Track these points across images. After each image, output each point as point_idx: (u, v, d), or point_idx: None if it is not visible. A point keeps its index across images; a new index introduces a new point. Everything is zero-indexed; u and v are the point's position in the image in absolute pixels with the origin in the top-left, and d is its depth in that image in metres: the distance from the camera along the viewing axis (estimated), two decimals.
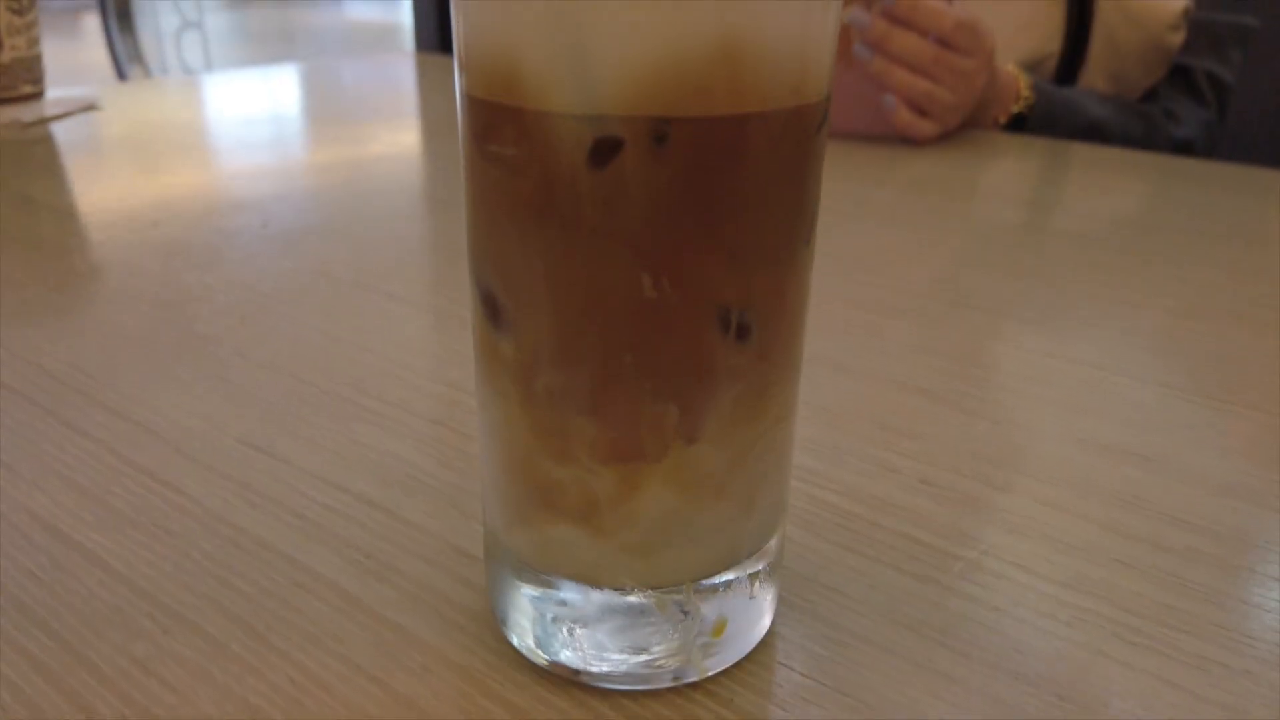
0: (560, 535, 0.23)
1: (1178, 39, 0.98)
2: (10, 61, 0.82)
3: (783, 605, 0.27)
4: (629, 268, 0.20)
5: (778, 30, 0.19)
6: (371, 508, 0.32)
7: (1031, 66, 0.96)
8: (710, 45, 0.18)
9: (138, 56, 3.01)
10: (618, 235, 0.20)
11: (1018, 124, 0.89)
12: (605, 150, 0.19)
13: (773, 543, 0.25)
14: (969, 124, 0.87)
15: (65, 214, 0.62)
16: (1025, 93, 0.89)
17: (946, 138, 0.85)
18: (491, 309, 0.22)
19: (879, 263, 0.56)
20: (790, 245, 0.21)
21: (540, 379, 0.22)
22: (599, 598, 0.24)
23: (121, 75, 2.88)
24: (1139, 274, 0.55)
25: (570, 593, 0.24)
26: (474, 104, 0.21)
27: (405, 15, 1.70)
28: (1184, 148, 0.98)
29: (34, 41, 0.85)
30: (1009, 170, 0.82)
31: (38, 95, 0.87)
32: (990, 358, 0.44)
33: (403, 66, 1.27)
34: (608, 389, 0.21)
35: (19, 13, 0.82)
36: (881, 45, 0.80)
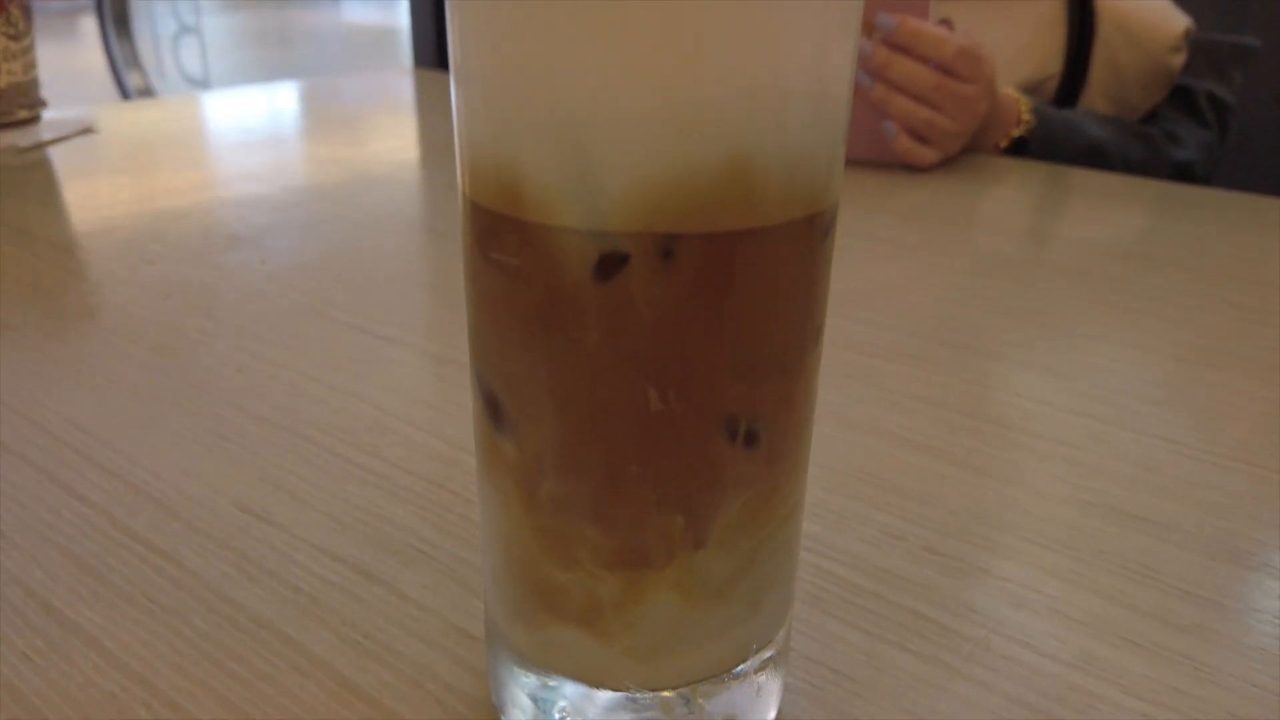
0: (562, 636, 0.23)
1: (1179, 60, 0.97)
2: (6, 87, 0.82)
3: (789, 692, 0.27)
4: (634, 381, 0.19)
5: (788, 145, 0.18)
6: (369, 581, 0.31)
7: (1032, 88, 0.95)
8: (719, 163, 0.18)
9: (135, 62, 3.00)
10: (623, 349, 0.19)
11: (1018, 148, 0.89)
12: (611, 265, 0.19)
13: (780, 634, 0.25)
14: (969, 148, 0.87)
15: (63, 248, 0.62)
16: (1026, 116, 0.88)
17: (947, 163, 0.85)
18: (493, 410, 0.22)
19: (880, 300, 0.55)
20: (799, 351, 0.21)
21: (543, 484, 0.21)
22: (601, 697, 0.23)
23: (119, 81, 2.87)
24: (1144, 315, 0.54)
25: (571, 689, 0.23)
26: (476, 209, 0.20)
27: (402, 17, 1.70)
28: (1185, 169, 0.97)
29: (30, 65, 0.84)
30: (1009, 198, 0.82)
31: (34, 120, 0.86)
32: (994, 409, 0.43)
33: (402, 85, 1.27)
34: (613, 498, 0.21)
35: (15, 38, 0.81)
36: (882, 72, 0.80)
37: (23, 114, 0.84)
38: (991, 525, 0.35)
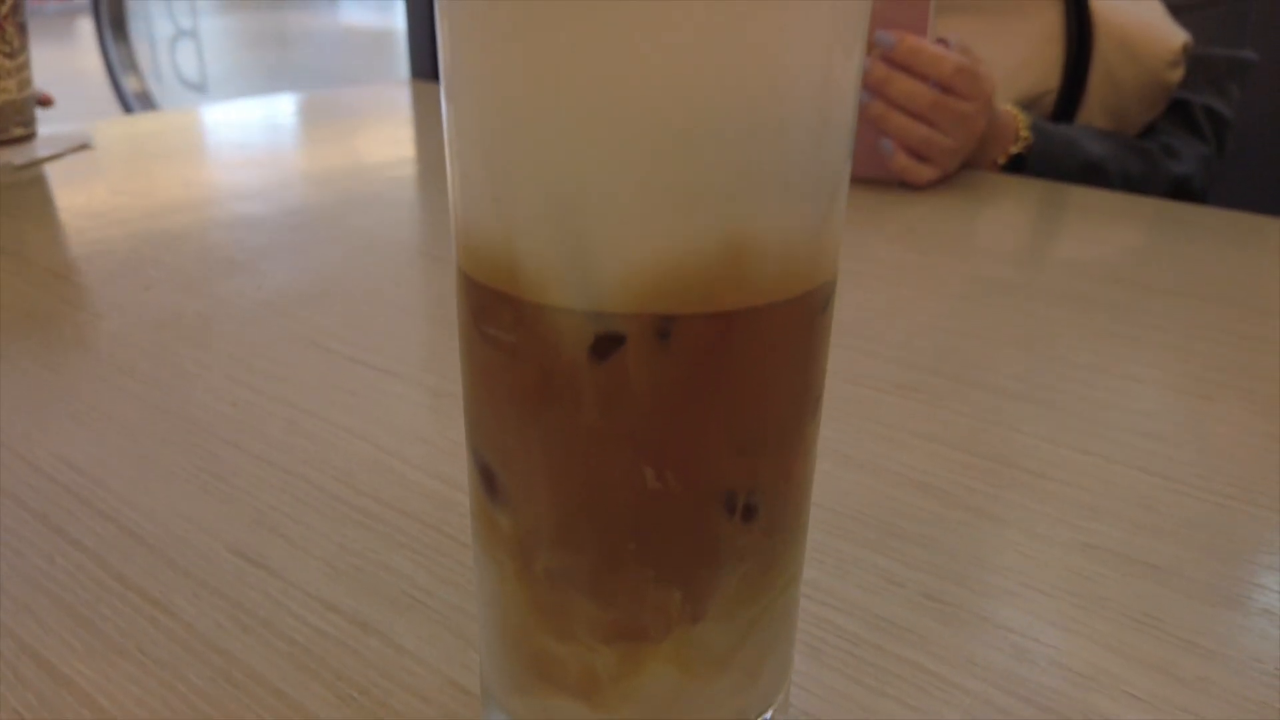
0: (558, 707, 0.22)
1: (1177, 75, 0.97)
2: (2, 105, 0.81)
3: None
4: (631, 460, 0.19)
5: (786, 226, 0.18)
6: (364, 632, 0.31)
7: (1030, 103, 0.95)
8: (716, 245, 0.18)
9: (132, 65, 3.00)
10: (619, 428, 0.19)
11: (1016, 164, 0.89)
12: (607, 345, 0.18)
13: (779, 697, 0.25)
14: (967, 164, 0.87)
15: (57, 274, 0.61)
16: (1024, 133, 0.88)
17: (944, 181, 0.84)
18: (488, 483, 0.21)
19: (877, 328, 0.55)
20: (798, 423, 0.21)
21: (539, 558, 0.21)
22: None
23: (116, 84, 2.87)
24: (1143, 344, 0.54)
25: None
26: (470, 284, 0.20)
27: (399, 19, 1.69)
28: (1183, 183, 0.97)
29: (25, 83, 0.84)
30: (1007, 217, 0.82)
31: (29, 137, 0.86)
32: (993, 445, 0.43)
33: (399, 97, 1.26)
34: (609, 573, 0.20)
35: (10, 55, 0.81)
36: (880, 89, 0.80)
37: (18, 131, 0.84)
38: (991, 570, 0.35)
